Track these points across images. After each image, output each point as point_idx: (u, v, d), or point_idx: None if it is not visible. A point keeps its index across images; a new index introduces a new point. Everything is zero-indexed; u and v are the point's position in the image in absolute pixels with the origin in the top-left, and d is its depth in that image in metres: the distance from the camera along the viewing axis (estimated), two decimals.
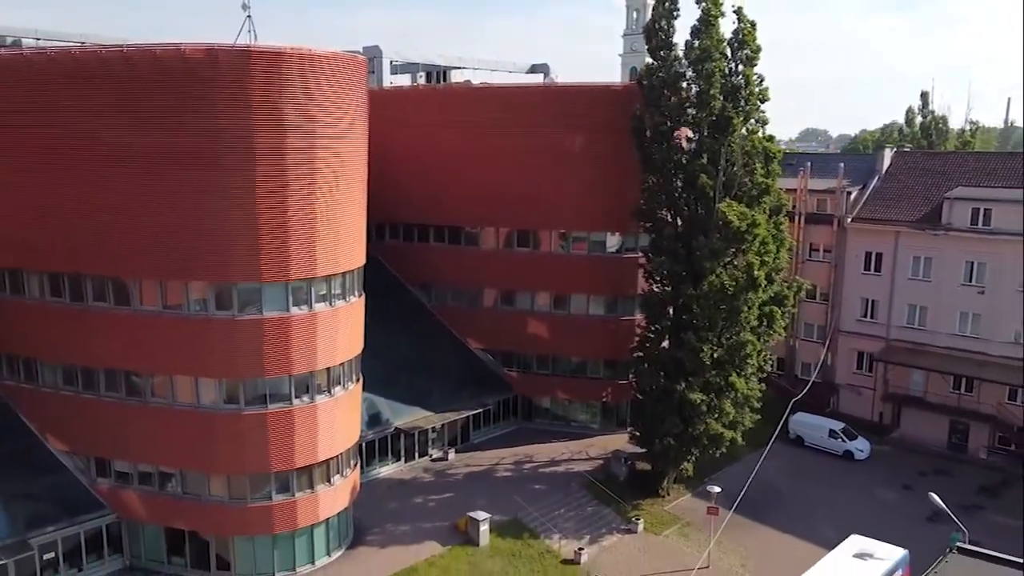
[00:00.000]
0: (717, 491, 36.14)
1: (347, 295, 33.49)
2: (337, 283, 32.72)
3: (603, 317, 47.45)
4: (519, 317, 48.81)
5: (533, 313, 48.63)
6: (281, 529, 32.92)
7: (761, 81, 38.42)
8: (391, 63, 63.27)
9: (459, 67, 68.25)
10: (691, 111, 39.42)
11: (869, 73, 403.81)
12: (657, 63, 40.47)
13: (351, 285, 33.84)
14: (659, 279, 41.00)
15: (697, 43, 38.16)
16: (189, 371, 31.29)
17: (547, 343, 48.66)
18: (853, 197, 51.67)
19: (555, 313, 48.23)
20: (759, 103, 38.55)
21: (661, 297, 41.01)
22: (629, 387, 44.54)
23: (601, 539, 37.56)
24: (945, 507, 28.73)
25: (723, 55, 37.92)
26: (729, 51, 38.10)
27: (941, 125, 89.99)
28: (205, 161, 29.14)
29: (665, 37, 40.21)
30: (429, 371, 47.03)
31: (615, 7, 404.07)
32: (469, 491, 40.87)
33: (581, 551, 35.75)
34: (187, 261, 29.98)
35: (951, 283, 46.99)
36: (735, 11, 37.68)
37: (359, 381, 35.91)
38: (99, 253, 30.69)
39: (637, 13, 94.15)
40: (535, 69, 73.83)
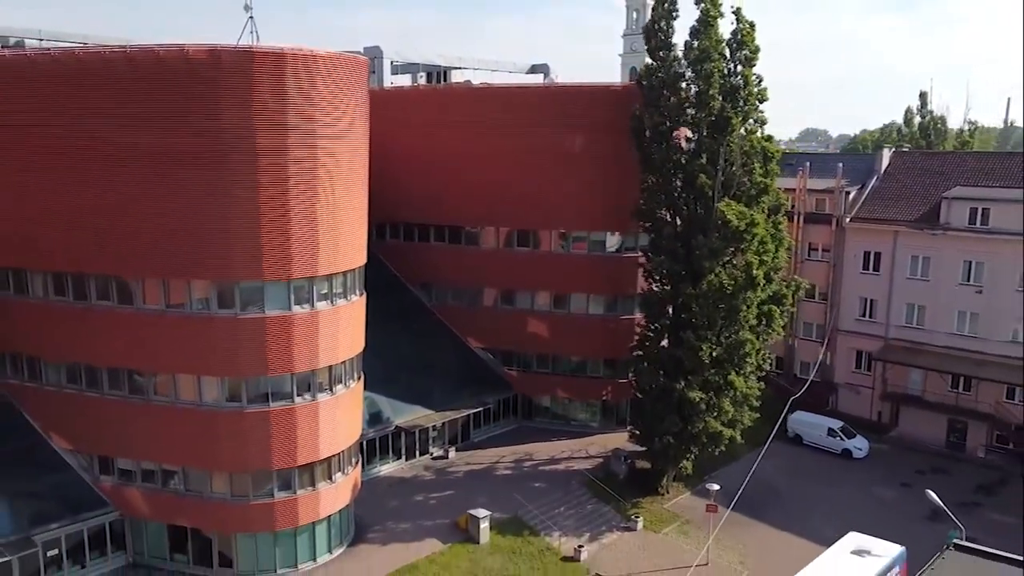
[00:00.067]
0: (716, 488, 36.33)
1: (348, 294, 33.73)
2: (339, 282, 32.94)
3: (603, 316, 47.63)
4: (519, 316, 48.98)
5: (533, 312, 48.80)
6: (283, 526, 33.12)
7: (760, 81, 38.62)
8: (392, 63, 63.52)
9: (459, 67, 68.45)
10: (690, 111, 39.62)
11: (869, 73, 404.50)
12: (656, 63, 40.63)
13: (352, 284, 34.07)
14: (658, 278, 41.21)
15: (696, 44, 38.34)
16: (192, 369, 31.48)
17: (547, 342, 48.84)
18: (852, 197, 51.88)
19: (555, 312, 48.41)
20: (758, 103, 38.73)
21: (660, 296, 41.20)
22: (629, 386, 44.73)
23: (601, 536, 37.77)
24: (942, 504, 29.01)
25: (722, 56, 38.08)
26: (728, 52, 38.26)
27: (939, 125, 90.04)
28: (208, 161, 29.34)
29: (664, 38, 40.37)
30: (430, 370, 47.22)
31: (615, 7, 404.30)
32: (469, 489, 41.07)
33: (581, 548, 35.96)
34: (190, 260, 30.16)
35: (949, 282, 47.22)
36: (734, 12, 37.88)
37: (360, 379, 36.12)
38: (102, 253, 30.86)
39: (637, 13, 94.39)
40: (535, 69, 74.05)
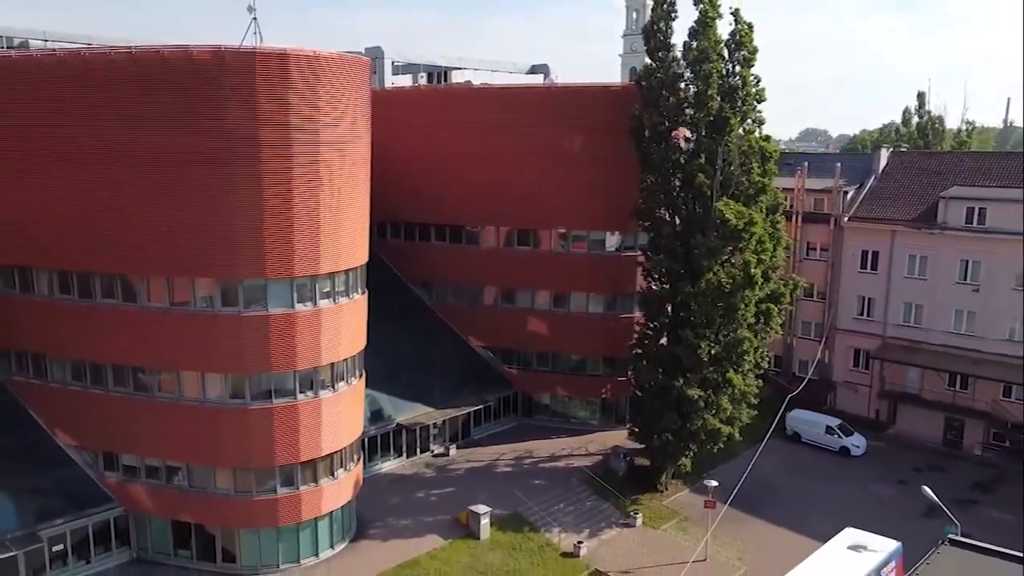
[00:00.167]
0: (714, 485, 36.55)
1: (350, 292, 34.05)
2: (341, 280, 33.25)
3: (602, 315, 47.93)
4: (519, 315, 49.27)
5: (533, 311, 49.09)
6: (286, 522, 33.43)
7: (758, 82, 38.88)
8: (393, 64, 63.86)
9: (460, 68, 68.83)
10: (689, 111, 39.87)
11: (869, 73, 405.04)
12: (656, 64, 40.86)
13: (354, 282, 34.38)
14: (657, 277, 41.49)
15: (695, 44, 38.59)
16: (196, 366, 31.79)
17: (547, 340, 49.13)
18: (850, 196, 52.17)
19: (555, 311, 48.70)
20: (756, 103, 38.97)
21: (659, 295, 41.49)
22: (628, 384, 45.02)
23: (600, 533, 38.08)
24: (938, 500, 29.29)
25: (720, 56, 38.34)
26: (726, 52, 38.52)
27: (937, 125, 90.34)
28: (211, 160, 29.62)
29: (663, 38, 40.60)
30: (430, 368, 47.53)
31: (615, 7, 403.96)
32: (470, 486, 41.39)
33: (580, 544, 36.26)
34: (194, 259, 30.46)
35: (946, 281, 47.52)
36: (732, 13, 38.15)
37: (362, 377, 36.43)
38: (107, 251, 31.14)
39: (637, 14, 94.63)
40: (535, 69, 74.40)
